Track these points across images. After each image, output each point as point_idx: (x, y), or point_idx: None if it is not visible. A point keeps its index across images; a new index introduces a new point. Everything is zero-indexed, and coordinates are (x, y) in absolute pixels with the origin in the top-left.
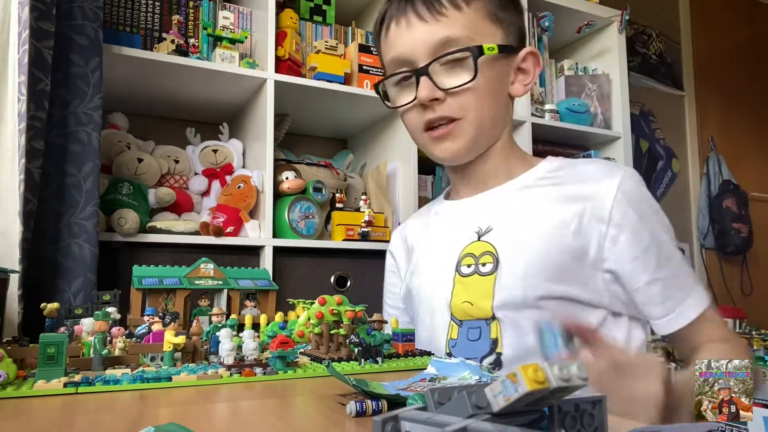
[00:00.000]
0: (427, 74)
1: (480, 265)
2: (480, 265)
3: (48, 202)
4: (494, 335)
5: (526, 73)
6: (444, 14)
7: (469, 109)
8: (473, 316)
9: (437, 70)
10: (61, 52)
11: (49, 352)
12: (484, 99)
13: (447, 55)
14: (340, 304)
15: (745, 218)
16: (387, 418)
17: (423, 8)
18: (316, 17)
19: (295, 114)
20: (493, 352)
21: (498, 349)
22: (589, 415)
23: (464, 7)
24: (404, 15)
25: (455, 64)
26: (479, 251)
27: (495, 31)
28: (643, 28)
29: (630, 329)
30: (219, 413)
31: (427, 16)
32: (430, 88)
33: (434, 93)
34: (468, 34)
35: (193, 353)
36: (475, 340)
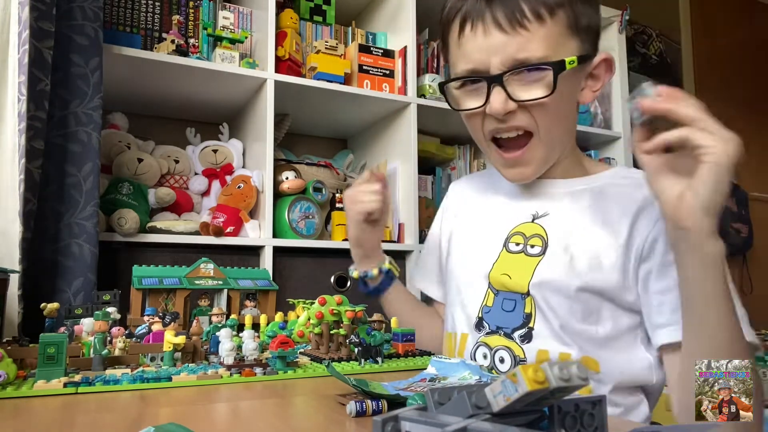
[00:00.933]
0: (501, 84)
1: (528, 246)
2: (528, 246)
3: (48, 202)
4: (528, 310)
5: (596, 79)
6: (526, 27)
7: (541, 125)
8: (509, 288)
9: (511, 81)
10: (61, 52)
11: (49, 352)
12: (557, 112)
13: (526, 68)
14: (340, 304)
15: (745, 218)
16: (387, 418)
17: (503, 17)
18: (316, 17)
19: (295, 114)
20: (525, 326)
21: (531, 324)
22: (589, 415)
23: (548, 19)
24: (481, 19)
25: (532, 76)
26: (530, 232)
27: (573, 42)
28: (643, 28)
29: None
30: (219, 413)
31: (506, 27)
32: (503, 100)
33: (507, 105)
34: (547, 52)
35: (193, 353)
36: (509, 311)
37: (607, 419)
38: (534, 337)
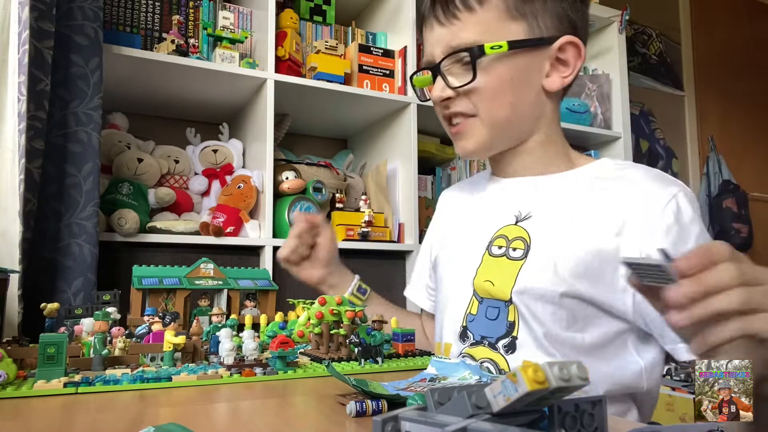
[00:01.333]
0: (439, 73)
1: (510, 249)
2: (510, 249)
3: (48, 202)
4: (512, 318)
5: (565, 64)
6: (457, 17)
7: (480, 108)
8: (493, 295)
9: (451, 69)
10: (61, 52)
11: (49, 352)
12: (496, 98)
13: (452, 56)
14: (340, 304)
15: (745, 218)
16: (387, 418)
17: (440, 11)
18: (316, 17)
19: (295, 114)
20: (509, 335)
21: (514, 333)
22: (589, 415)
23: (477, 8)
24: (428, 17)
25: (465, 63)
26: (513, 235)
27: (515, 26)
28: (643, 28)
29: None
30: (219, 413)
31: (443, 19)
32: (440, 87)
33: (444, 92)
34: (479, 37)
35: (193, 353)
36: (493, 319)
37: (607, 419)
38: (518, 347)
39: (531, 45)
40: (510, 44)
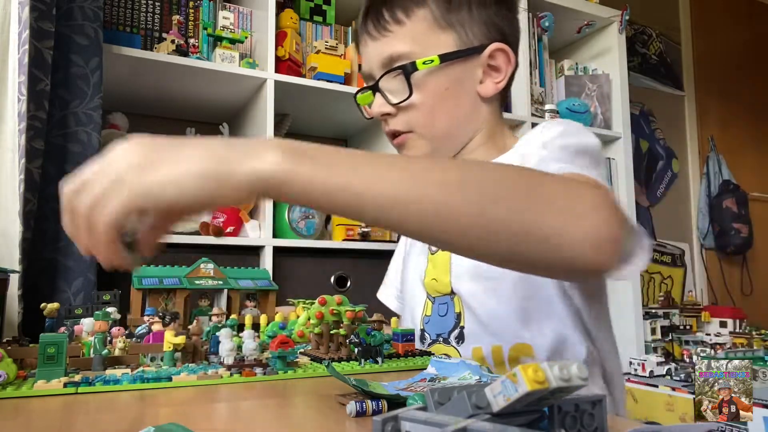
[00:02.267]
0: (378, 90)
1: None
2: None
3: (48, 202)
4: (458, 309)
5: (497, 70)
6: (388, 29)
7: (417, 125)
8: (440, 292)
9: (390, 85)
10: (61, 52)
11: (49, 352)
12: (434, 111)
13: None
14: (340, 304)
15: (745, 218)
16: (387, 418)
17: (371, 26)
18: (316, 17)
19: (295, 114)
20: (457, 326)
21: (461, 323)
22: (589, 415)
23: (405, 20)
24: (361, 33)
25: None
26: None
27: (445, 37)
28: (643, 28)
29: None
30: (219, 413)
31: (375, 34)
32: (379, 104)
33: (383, 108)
34: (411, 48)
35: (193, 353)
36: (443, 315)
37: (607, 419)
38: (466, 337)
39: (462, 56)
40: (441, 57)
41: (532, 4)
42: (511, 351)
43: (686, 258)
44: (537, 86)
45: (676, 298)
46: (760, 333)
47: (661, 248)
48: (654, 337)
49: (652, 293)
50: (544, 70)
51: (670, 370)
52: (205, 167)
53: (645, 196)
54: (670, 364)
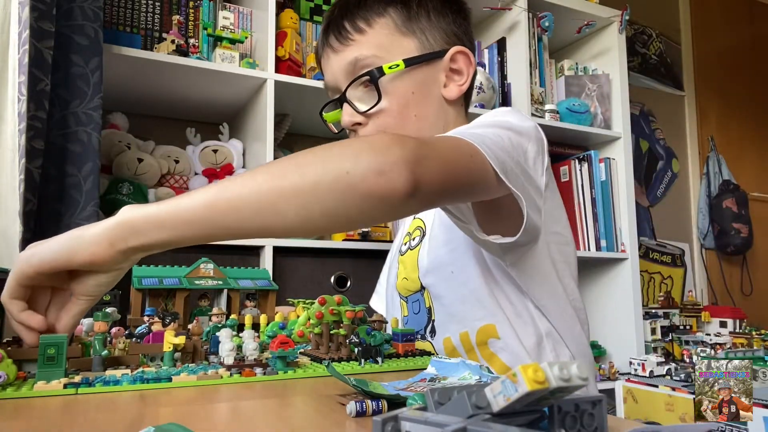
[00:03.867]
0: (346, 100)
1: (412, 241)
2: (412, 241)
3: (48, 202)
4: (428, 304)
5: (459, 73)
6: (351, 39)
7: (388, 130)
8: (411, 290)
9: (357, 94)
10: (61, 52)
11: (49, 353)
12: (403, 115)
13: (355, 81)
14: (340, 304)
15: (745, 218)
16: (387, 418)
17: (333, 38)
18: (316, 17)
19: (295, 114)
20: (429, 321)
21: (432, 317)
22: (589, 415)
23: (367, 29)
24: (323, 47)
25: (368, 87)
26: (413, 227)
27: (407, 42)
28: (643, 28)
29: None
30: (219, 413)
31: (336, 45)
32: (349, 114)
33: (354, 117)
34: (375, 53)
35: (193, 353)
36: (417, 313)
37: (607, 419)
38: (437, 329)
39: (425, 59)
40: (406, 62)
41: (532, 4)
42: (478, 335)
43: (686, 258)
44: (537, 86)
45: (676, 298)
46: (760, 333)
47: (661, 248)
48: (654, 337)
49: (652, 293)
50: (544, 70)
51: (670, 370)
52: (67, 236)
53: (645, 196)
54: (670, 364)
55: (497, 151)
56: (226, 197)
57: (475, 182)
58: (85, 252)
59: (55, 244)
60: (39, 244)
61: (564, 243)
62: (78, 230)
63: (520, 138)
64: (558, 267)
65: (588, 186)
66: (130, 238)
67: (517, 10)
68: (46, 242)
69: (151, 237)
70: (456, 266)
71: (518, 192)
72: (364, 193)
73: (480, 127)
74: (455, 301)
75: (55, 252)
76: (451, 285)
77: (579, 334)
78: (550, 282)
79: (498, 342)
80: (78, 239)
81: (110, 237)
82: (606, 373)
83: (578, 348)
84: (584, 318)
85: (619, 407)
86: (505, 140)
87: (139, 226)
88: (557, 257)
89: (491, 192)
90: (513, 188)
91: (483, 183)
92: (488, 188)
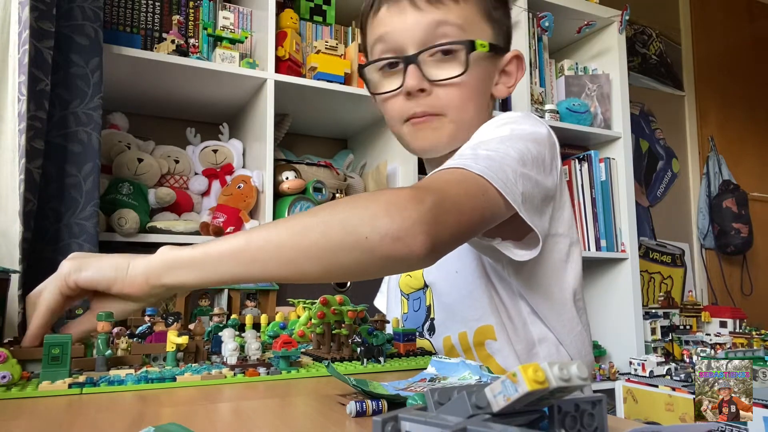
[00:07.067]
0: (416, 63)
1: None
2: None
3: (48, 202)
4: (428, 302)
5: (509, 75)
6: (442, 2)
7: (453, 107)
8: (414, 288)
9: (427, 60)
10: (61, 52)
11: (54, 353)
12: (470, 97)
13: (439, 46)
14: (341, 303)
15: (745, 218)
16: (387, 418)
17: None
18: (316, 17)
19: (295, 114)
20: (428, 318)
21: (432, 315)
22: (589, 415)
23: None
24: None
25: (446, 57)
26: None
27: (488, 29)
28: (643, 28)
29: None
30: (220, 413)
31: (422, 5)
32: (418, 78)
33: (422, 83)
34: (462, 24)
35: (195, 353)
36: (417, 310)
37: (607, 419)
38: (436, 327)
39: (500, 51)
40: (490, 46)
41: (532, 4)
42: (475, 335)
43: (686, 258)
44: (537, 86)
45: (676, 298)
46: (760, 333)
47: (661, 248)
48: (654, 337)
49: (652, 293)
50: (544, 70)
51: (670, 370)
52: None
53: (645, 196)
54: (670, 364)
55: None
56: (250, 249)
57: (489, 220)
58: (123, 284)
59: (104, 266)
60: (86, 258)
61: (568, 243)
62: (124, 260)
63: (539, 146)
64: (560, 268)
65: (588, 186)
66: (163, 275)
67: (517, 10)
68: (93, 259)
69: (181, 277)
70: (460, 266)
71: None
72: (382, 256)
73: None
74: (457, 300)
75: (101, 276)
76: (454, 284)
77: (580, 334)
78: (549, 284)
79: (495, 344)
80: (122, 271)
81: (147, 273)
82: (606, 373)
83: (579, 350)
84: (586, 320)
85: (619, 407)
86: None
87: (172, 266)
88: (559, 257)
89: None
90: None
91: (496, 216)
92: (501, 216)
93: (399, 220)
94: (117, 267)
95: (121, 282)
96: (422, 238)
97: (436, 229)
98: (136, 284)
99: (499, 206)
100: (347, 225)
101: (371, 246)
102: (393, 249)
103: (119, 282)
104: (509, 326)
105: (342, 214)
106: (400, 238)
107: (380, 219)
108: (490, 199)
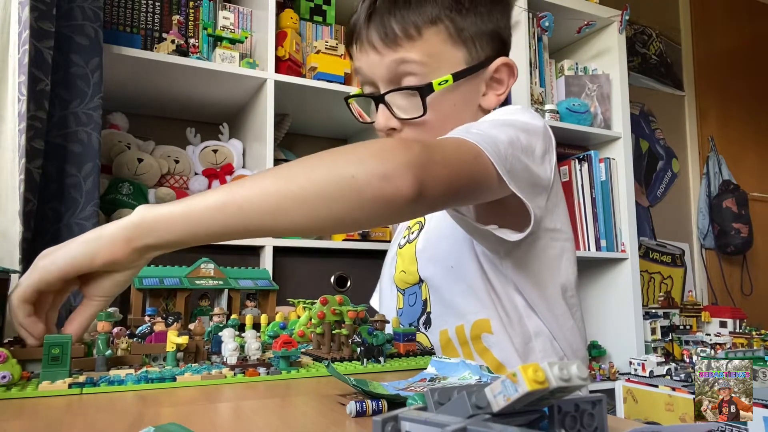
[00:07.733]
0: (384, 102)
1: (411, 234)
2: (411, 234)
3: (48, 202)
4: (424, 296)
5: (500, 83)
6: (398, 43)
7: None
8: (409, 283)
9: (397, 99)
10: (61, 52)
11: (54, 353)
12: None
13: (401, 89)
14: (341, 304)
15: (745, 218)
16: (387, 418)
17: (376, 37)
18: (316, 17)
19: (295, 114)
20: (424, 312)
21: (428, 309)
22: (589, 415)
23: (417, 37)
24: (360, 38)
25: (412, 93)
26: (414, 222)
27: (458, 52)
28: (643, 28)
29: None
30: (220, 413)
31: (380, 46)
32: (386, 117)
33: (390, 122)
34: (425, 60)
35: (195, 353)
36: (413, 305)
37: (607, 419)
38: (432, 321)
39: (472, 72)
40: (454, 76)
41: (532, 4)
42: (472, 329)
43: (686, 258)
44: (537, 86)
45: (676, 298)
46: (760, 333)
47: (661, 248)
48: (654, 337)
49: (652, 293)
50: (544, 70)
51: (670, 370)
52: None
53: (645, 196)
54: (670, 364)
55: (502, 150)
56: (236, 199)
57: (479, 184)
58: (105, 251)
59: (74, 248)
60: (54, 251)
61: (563, 239)
62: (92, 232)
63: (530, 136)
64: (553, 263)
65: (588, 186)
66: (145, 236)
67: (517, 10)
68: (61, 248)
69: (164, 235)
70: (456, 260)
71: (520, 193)
72: (369, 197)
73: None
74: (453, 294)
75: (75, 257)
76: (449, 278)
77: (571, 330)
78: (544, 278)
79: (491, 337)
80: (96, 240)
81: (127, 236)
82: (606, 373)
83: (571, 345)
84: (580, 317)
85: (619, 407)
86: (514, 138)
87: (153, 225)
88: (553, 252)
89: (496, 192)
90: (515, 189)
91: (486, 184)
92: (492, 189)
93: (387, 161)
94: (89, 240)
95: (103, 251)
96: (410, 178)
97: (423, 173)
98: (118, 248)
99: (490, 175)
100: (334, 166)
101: (359, 186)
102: (380, 189)
103: (101, 252)
104: (506, 320)
105: (329, 158)
106: (387, 177)
107: (368, 160)
108: (482, 164)
